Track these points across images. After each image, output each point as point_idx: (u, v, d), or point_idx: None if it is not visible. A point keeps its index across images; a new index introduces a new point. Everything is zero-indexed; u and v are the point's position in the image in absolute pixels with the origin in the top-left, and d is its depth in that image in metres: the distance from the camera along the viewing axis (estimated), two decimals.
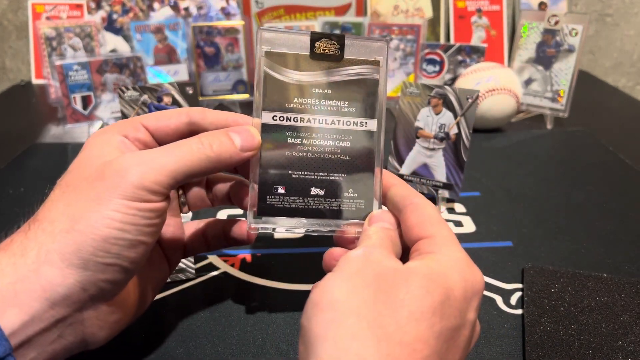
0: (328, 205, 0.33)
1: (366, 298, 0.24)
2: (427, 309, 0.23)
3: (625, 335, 0.36)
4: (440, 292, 0.24)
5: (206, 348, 0.36)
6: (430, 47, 0.83)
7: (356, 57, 0.33)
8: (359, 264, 0.26)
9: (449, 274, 0.25)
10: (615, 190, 0.57)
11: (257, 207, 0.33)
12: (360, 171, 0.33)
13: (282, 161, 0.33)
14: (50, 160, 0.64)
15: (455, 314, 0.24)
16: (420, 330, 0.23)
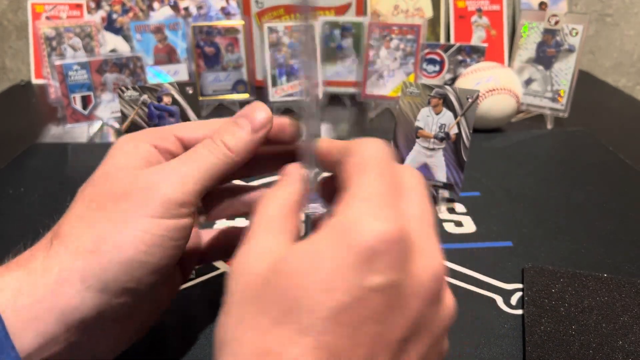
0: None
1: (255, 326, 0.20)
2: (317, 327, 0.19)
3: (626, 336, 0.36)
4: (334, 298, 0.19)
5: (206, 348, 0.36)
6: (430, 47, 0.83)
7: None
8: (235, 285, 0.22)
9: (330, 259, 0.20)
10: (615, 190, 0.57)
11: None
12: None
13: None
14: (50, 160, 0.64)
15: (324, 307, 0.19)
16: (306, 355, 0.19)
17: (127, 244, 0.26)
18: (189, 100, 0.51)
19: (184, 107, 0.51)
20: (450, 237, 0.49)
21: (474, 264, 0.45)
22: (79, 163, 0.64)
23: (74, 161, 0.64)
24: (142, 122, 0.50)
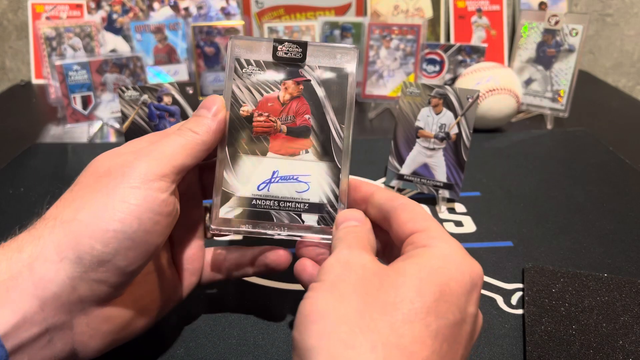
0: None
1: (355, 305, 0.23)
2: (421, 309, 0.23)
3: (626, 335, 0.36)
4: (433, 290, 0.23)
5: (206, 348, 0.36)
6: (430, 47, 0.83)
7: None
8: (339, 270, 0.25)
9: (445, 268, 0.25)
10: (615, 190, 0.57)
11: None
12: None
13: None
14: (50, 160, 0.64)
15: (452, 310, 0.23)
16: (415, 331, 0.22)
17: (103, 211, 0.26)
18: (189, 100, 0.51)
19: (184, 107, 0.51)
20: None
21: None
22: (79, 163, 0.64)
23: (74, 161, 0.64)
24: (142, 122, 0.50)
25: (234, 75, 0.35)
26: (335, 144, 0.34)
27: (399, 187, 0.55)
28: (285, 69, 0.34)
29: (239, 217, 0.34)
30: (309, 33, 0.82)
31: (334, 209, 0.34)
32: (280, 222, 0.34)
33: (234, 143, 0.34)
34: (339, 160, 0.34)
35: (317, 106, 0.35)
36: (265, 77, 0.34)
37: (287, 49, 0.34)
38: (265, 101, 0.35)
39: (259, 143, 0.34)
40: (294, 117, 0.35)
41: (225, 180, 0.34)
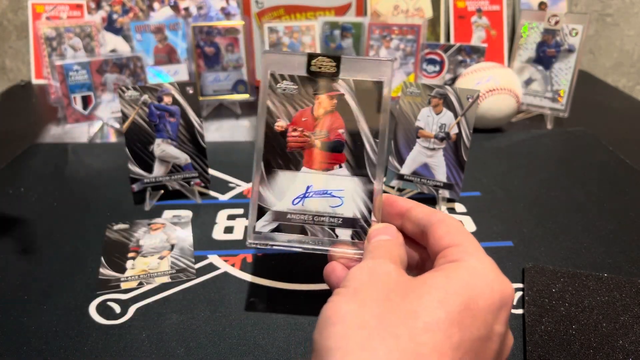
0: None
1: (376, 311, 0.23)
2: (444, 319, 0.22)
3: (626, 335, 0.36)
4: (459, 303, 0.23)
5: (207, 347, 0.36)
6: (430, 47, 0.83)
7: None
8: (366, 277, 0.26)
9: (473, 283, 0.24)
10: (615, 190, 0.57)
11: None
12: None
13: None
14: (50, 160, 0.64)
15: (477, 325, 0.23)
16: (436, 341, 0.22)
17: None
18: (189, 100, 0.51)
19: (184, 107, 0.51)
20: None
21: None
22: (79, 163, 0.64)
23: (74, 161, 0.64)
24: (142, 122, 0.50)
25: (269, 90, 0.35)
26: (369, 159, 0.34)
27: (399, 187, 0.55)
28: (319, 83, 0.34)
29: (274, 231, 0.35)
30: (309, 33, 0.82)
31: (368, 224, 0.34)
32: (314, 236, 0.35)
33: (268, 158, 0.35)
34: (372, 174, 0.34)
35: (350, 120, 0.34)
36: (299, 92, 0.35)
37: (320, 63, 0.34)
38: (299, 116, 0.35)
39: (293, 158, 0.35)
40: (328, 132, 0.35)
41: (261, 195, 0.35)
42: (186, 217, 0.51)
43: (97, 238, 0.48)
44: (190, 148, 0.52)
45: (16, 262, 0.45)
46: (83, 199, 0.55)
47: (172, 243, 0.47)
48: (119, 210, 0.52)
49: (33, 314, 0.39)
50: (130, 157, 0.50)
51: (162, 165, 0.52)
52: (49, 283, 0.42)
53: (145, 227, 0.49)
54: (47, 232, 0.49)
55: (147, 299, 0.40)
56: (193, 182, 0.54)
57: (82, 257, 0.45)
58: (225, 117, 0.80)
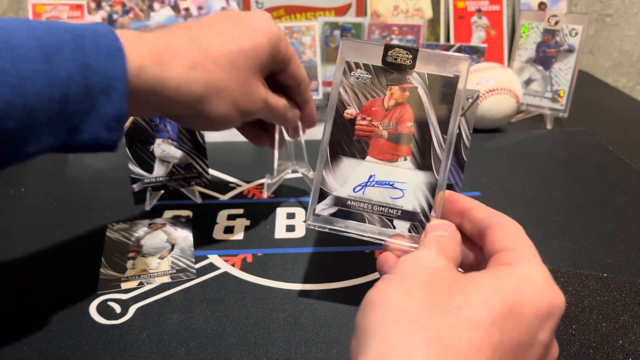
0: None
1: (420, 301, 0.23)
2: (485, 318, 0.22)
3: (626, 335, 0.36)
4: (503, 304, 0.23)
5: (207, 347, 0.36)
6: (430, 47, 0.83)
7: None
8: (415, 267, 0.26)
9: (521, 288, 0.24)
10: (615, 190, 0.57)
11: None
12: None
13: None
14: (51, 160, 0.64)
15: (520, 330, 0.23)
16: (475, 338, 0.22)
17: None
18: None
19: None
20: None
21: None
22: (79, 163, 0.64)
23: (75, 161, 0.64)
24: (142, 122, 0.50)
25: (342, 77, 0.35)
26: (435, 155, 0.34)
27: None
28: (392, 74, 0.35)
29: (333, 215, 0.36)
30: (309, 33, 0.82)
31: (427, 219, 0.34)
32: (372, 225, 0.35)
33: (334, 144, 0.35)
34: (437, 171, 0.34)
35: (420, 114, 0.34)
36: (372, 81, 0.35)
37: (397, 54, 0.34)
38: (369, 105, 0.35)
39: (359, 146, 0.35)
40: (396, 124, 0.35)
41: (324, 179, 0.36)
42: (186, 217, 0.51)
43: (97, 238, 0.48)
44: (191, 148, 0.52)
45: (16, 262, 0.45)
46: (83, 199, 0.55)
47: (172, 243, 0.47)
48: (120, 210, 0.52)
49: (34, 313, 0.39)
50: (131, 157, 0.50)
51: (162, 166, 0.52)
52: (49, 283, 0.42)
53: (145, 227, 0.49)
54: (47, 232, 0.49)
55: (147, 299, 0.40)
56: (193, 182, 0.54)
57: (83, 256, 0.45)
58: None
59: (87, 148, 0.31)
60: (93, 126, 0.30)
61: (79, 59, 0.28)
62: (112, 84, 0.30)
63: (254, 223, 0.51)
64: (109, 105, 0.30)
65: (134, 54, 0.31)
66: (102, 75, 0.29)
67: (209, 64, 0.34)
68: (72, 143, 0.30)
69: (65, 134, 0.30)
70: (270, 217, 0.52)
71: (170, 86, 0.33)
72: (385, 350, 0.21)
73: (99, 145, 0.31)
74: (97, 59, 0.29)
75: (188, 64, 0.33)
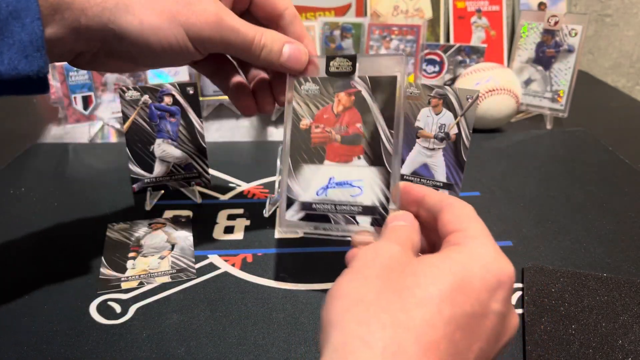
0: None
1: (375, 287, 0.24)
2: (436, 295, 0.23)
3: (626, 335, 0.36)
4: (451, 281, 0.24)
5: (207, 347, 0.36)
6: (430, 47, 0.83)
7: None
8: (370, 257, 0.27)
9: (469, 263, 0.25)
10: (615, 190, 0.57)
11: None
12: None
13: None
14: (51, 160, 0.64)
15: (471, 302, 0.24)
16: (427, 315, 0.22)
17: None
18: (189, 101, 0.51)
19: (184, 107, 0.51)
20: None
21: None
22: (79, 163, 0.64)
23: (75, 161, 0.64)
24: (143, 122, 0.50)
25: (294, 92, 0.38)
26: (385, 149, 0.36)
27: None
28: (337, 82, 0.37)
29: (302, 219, 0.38)
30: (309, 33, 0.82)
31: (386, 211, 0.36)
32: (337, 224, 0.37)
33: (295, 154, 0.38)
34: (389, 164, 0.36)
35: (367, 114, 0.37)
36: (321, 92, 0.38)
37: (338, 63, 0.37)
38: (321, 114, 0.38)
39: (317, 152, 0.38)
40: (347, 127, 0.37)
41: (289, 188, 0.38)
42: (186, 217, 0.51)
43: (97, 238, 0.48)
44: (191, 148, 0.52)
45: (17, 262, 0.45)
46: (84, 199, 0.55)
47: (172, 243, 0.47)
48: (120, 210, 0.52)
49: (34, 313, 0.39)
50: (131, 157, 0.50)
51: (162, 166, 0.52)
52: (50, 283, 0.42)
53: (145, 227, 0.49)
54: (47, 232, 0.49)
55: (147, 299, 0.40)
56: (193, 182, 0.54)
57: (83, 256, 0.45)
58: (226, 118, 0.80)
59: (9, 83, 0.30)
60: (8, 55, 0.29)
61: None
62: (21, 6, 0.28)
63: (254, 223, 0.51)
64: (21, 29, 0.28)
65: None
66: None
67: None
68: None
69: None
70: (270, 217, 0.52)
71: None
72: (344, 339, 0.22)
73: (21, 78, 0.30)
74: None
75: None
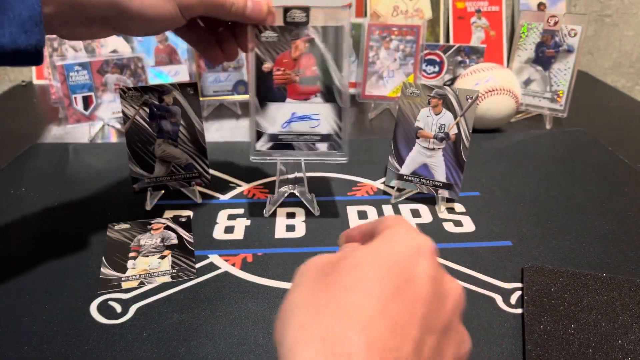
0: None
1: (310, 291, 0.25)
2: (360, 277, 0.24)
3: (625, 334, 0.36)
4: (372, 260, 0.24)
5: (207, 347, 0.36)
6: (429, 47, 0.83)
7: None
8: (306, 268, 0.27)
9: (386, 244, 0.26)
10: (614, 190, 0.57)
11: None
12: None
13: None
14: (52, 160, 0.64)
15: (395, 273, 0.24)
16: (356, 298, 0.23)
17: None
18: (190, 101, 0.51)
19: (185, 107, 0.51)
20: (450, 236, 0.49)
21: (474, 263, 0.45)
22: (80, 163, 0.64)
23: (75, 161, 0.64)
24: (143, 122, 0.50)
25: (256, 39, 0.43)
26: (336, 88, 0.45)
27: (399, 187, 0.55)
28: (293, 30, 0.43)
29: (270, 149, 0.46)
30: None
31: (339, 137, 0.46)
32: (300, 150, 0.46)
33: (260, 93, 0.45)
34: (340, 100, 0.45)
35: (321, 59, 0.44)
36: (279, 39, 0.43)
37: (294, 14, 0.43)
38: (280, 58, 0.44)
39: (279, 92, 0.45)
40: (304, 70, 0.44)
41: (258, 122, 0.46)
42: (187, 217, 0.51)
43: (98, 238, 0.48)
44: (191, 148, 0.52)
45: (17, 262, 0.45)
46: (84, 199, 0.55)
47: (172, 243, 0.47)
48: (120, 210, 0.52)
49: (34, 313, 0.39)
50: (131, 157, 0.51)
51: (162, 166, 0.52)
52: (50, 283, 0.42)
53: (146, 227, 0.49)
54: (48, 232, 0.49)
55: (148, 299, 0.41)
56: (194, 182, 0.54)
57: (83, 256, 0.45)
58: (226, 118, 0.80)
59: (7, 56, 0.32)
60: (8, 30, 0.31)
61: None
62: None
63: (254, 223, 0.51)
64: (22, 5, 0.31)
65: None
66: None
67: None
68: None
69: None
70: (270, 217, 0.52)
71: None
72: (290, 345, 0.22)
73: (19, 51, 0.32)
74: None
75: None
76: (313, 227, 0.50)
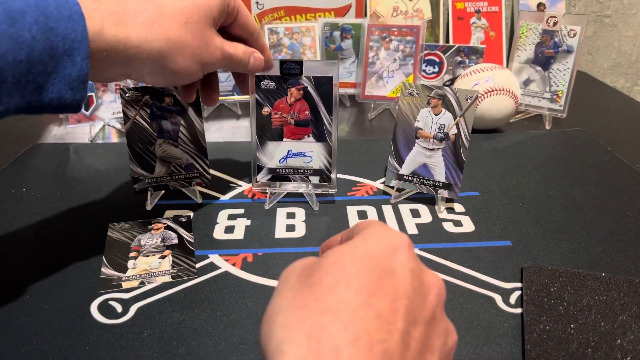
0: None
1: (291, 294, 0.25)
2: (341, 275, 0.24)
3: (624, 334, 0.36)
4: (351, 258, 0.25)
5: (208, 347, 0.36)
6: (429, 48, 0.83)
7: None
8: (285, 273, 0.27)
9: (363, 243, 0.26)
10: (614, 190, 0.57)
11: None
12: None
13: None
14: (52, 160, 0.64)
15: (374, 268, 0.24)
16: (338, 294, 0.23)
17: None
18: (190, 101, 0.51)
19: (185, 107, 0.51)
20: (450, 236, 0.49)
21: (473, 263, 0.45)
22: (80, 163, 0.64)
23: (76, 161, 0.64)
24: (143, 122, 0.50)
25: (255, 87, 0.49)
26: (327, 130, 0.51)
27: (398, 187, 0.55)
28: (289, 80, 0.49)
29: (269, 181, 0.53)
30: (309, 34, 0.82)
31: (329, 172, 0.53)
32: (295, 182, 0.53)
33: (260, 133, 0.51)
34: (329, 140, 0.51)
35: (313, 104, 0.50)
36: (277, 87, 0.50)
37: (289, 66, 0.48)
38: (278, 104, 0.50)
39: (277, 132, 0.51)
40: (298, 113, 0.51)
41: (258, 158, 0.52)
42: (187, 217, 0.51)
43: (98, 238, 0.48)
44: (192, 148, 0.52)
45: (18, 262, 0.45)
46: (85, 199, 0.55)
47: (173, 243, 0.47)
48: (121, 210, 0.53)
49: (35, 313, 0.39)
50: (132, 157, 0.51)
51: (163, 166, 0.52)
52: (51, 282, 0.42)
53: (146, 227, 0.49)
54: (48, 232, 0.49)
55: (148, 298, 0.41)
56: (194, 182, 0.54)
57: (84, 256, 0.45)
58: (226, 118, 0.81)
59: (52, 108, 0.34)
60: (57, 86, 0.33)
61: (41, 23, 0.32)
62: (74, 46, 0.33)
63: (254, 223, 0.51)
64: (72, 66, 0.33)
65: (94, 16, 0.34)
66: (65, 37, 0.32)
67: (165, 21, 0.37)
68: (38, 103, 0.33)
69: (31, 93, 0.33)
70: (270, 217, 0.52)
71: (132, 44, 0.36)
72: (275, 346, 0.23)
73: (63, 105, 0.34)
74: (59, 23, 0.32)
75: (145, 22, 0.37)
76: (313, 227, 0.50)
